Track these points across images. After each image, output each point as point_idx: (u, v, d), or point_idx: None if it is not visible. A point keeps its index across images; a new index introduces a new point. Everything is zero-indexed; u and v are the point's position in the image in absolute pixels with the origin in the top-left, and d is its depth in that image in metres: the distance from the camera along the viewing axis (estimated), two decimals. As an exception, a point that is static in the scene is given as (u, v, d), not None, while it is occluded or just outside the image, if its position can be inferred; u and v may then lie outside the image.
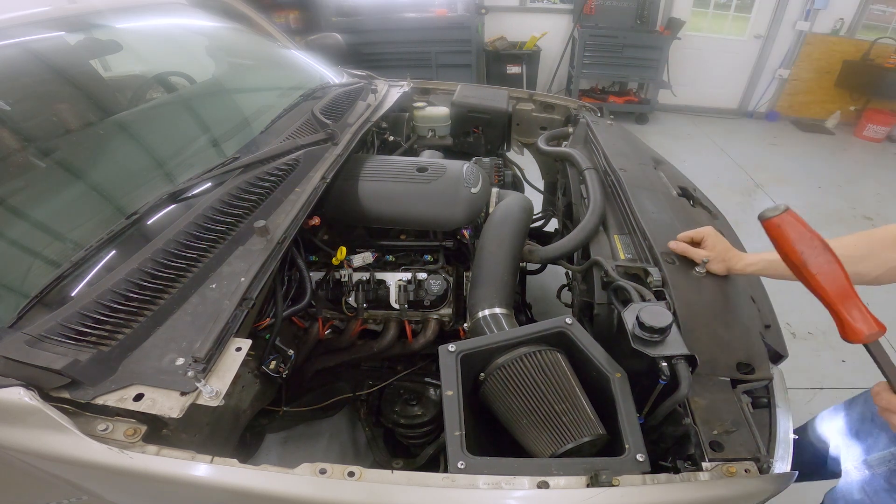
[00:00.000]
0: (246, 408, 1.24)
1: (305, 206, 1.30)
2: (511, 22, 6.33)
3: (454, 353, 1.00)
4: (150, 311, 0.95)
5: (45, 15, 1.61)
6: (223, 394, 0.84)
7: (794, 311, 3.05)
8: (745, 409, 0.92)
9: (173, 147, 1.56)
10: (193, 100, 1.99)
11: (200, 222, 1.14)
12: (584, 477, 0.80)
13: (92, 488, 0.89)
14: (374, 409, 1.63)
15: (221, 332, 0.91)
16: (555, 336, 1.06)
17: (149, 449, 0.80)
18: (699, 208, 1.61)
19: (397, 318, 1.56)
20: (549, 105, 2.43)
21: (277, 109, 1.80)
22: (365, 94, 2.09)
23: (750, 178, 4.95)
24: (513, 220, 1.51)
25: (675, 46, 5.96)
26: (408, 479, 0.80)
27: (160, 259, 1.03)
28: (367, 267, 1.54)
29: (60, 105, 1.49)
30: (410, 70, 2.89)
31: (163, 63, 2.11)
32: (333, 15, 5.48)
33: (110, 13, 1.87)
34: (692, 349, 0.92)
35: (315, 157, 1.51)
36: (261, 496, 0.78)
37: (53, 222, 1.18)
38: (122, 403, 0.82)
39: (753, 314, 1.15)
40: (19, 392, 0.78)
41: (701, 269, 1.19)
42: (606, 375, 0.97)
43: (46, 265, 1.06)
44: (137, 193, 1.29)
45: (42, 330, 0.86)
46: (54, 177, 1.32)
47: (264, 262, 1.10)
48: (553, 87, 6.69)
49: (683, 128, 6.37)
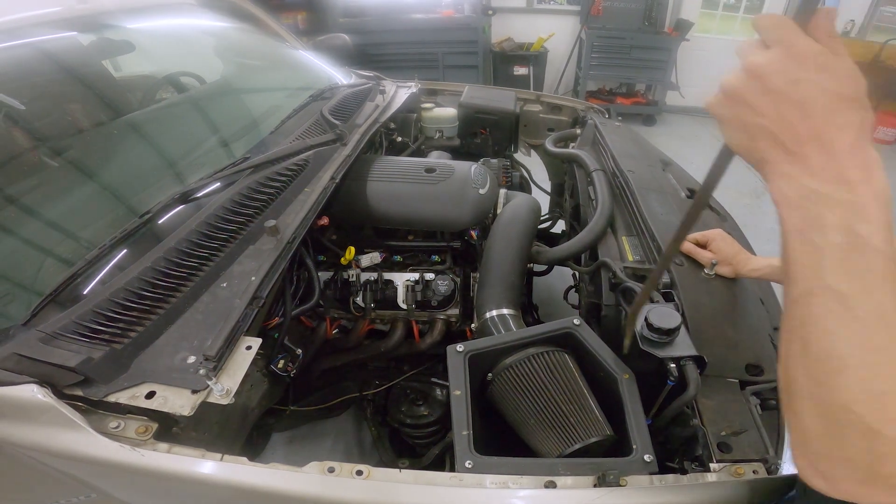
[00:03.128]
0: (254, 406, 1.25)
1: (315, 206, 1.31)
2: (518, 23, 6.32)
3: (462, 354, 1.00)
4: (162, 309, 0.96)
5: (58, 15, 1.63)
6: (233, 392, 0.85)
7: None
8: (754, 410, 0.91)
9: (184, 147, 1.57)
10: (203, 100, 2.00)
11: (212, 222, 1.15)
12: (592, 477, 0.80)
13: (101, 486, 0.90)
14: (380, 409, 1.63)
15: (232, 330, 0.92)
16: (562, 337, 1.06)
17: (160, 446, 0.81)
18: (708, 210, 1.60)
19: (405, 318, 1.57)
20: (556, 106, 2.43)
21: (287, 110, 1.81)
22: (373, 94, 2.09)
23: (758, 180, 4.92)
24: (520, 222, 1.51)
25: (684, 48, 5.93)
26: (415, 478, 0.80)
27: (172, 258, 1.04)
28: (375, 267, 1.55)
29: (73, 105, 1.51)
30: (417, 71, 2.89)
31: (173, 63, 2.12)
32: (341, 16, 5.49)
33: (120, 13, 1.89)
34: (700, 350, 0.92)
35: (324, 157, 1.52)
36: (270, 494, 0.78)
37: (66, 221, 1.19)
38: (134, 401, 0.83)
39: (762, 316, 1.15)
40: (33, 389, 0.79)
41: (710, 271, 1.18)
42: (614, 376, 0.97)
43: (59, 263, 1.08)
44: (149, 193, 1.30)
45: (56, 328, 0.87)
46: (67, 176, 1.33)
47: (274, 262, 1.10)
48: (560, 88, 6.67)
49: (692, 129, 6.34)
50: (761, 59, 0.46)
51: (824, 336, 0.44)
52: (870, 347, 0.42)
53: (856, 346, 0.42)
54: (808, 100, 0.44)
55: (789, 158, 0.46)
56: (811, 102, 0.44)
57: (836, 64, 0.44)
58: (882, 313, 0.42)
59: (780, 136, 0.46)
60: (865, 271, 0.42)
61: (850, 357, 0.42)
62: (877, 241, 0.42)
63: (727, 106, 0.49)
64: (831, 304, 0.43)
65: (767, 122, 0.46)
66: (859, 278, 0.42)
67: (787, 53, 0.45)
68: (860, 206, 0.43)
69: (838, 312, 0.43)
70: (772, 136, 0.47)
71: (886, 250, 0.42)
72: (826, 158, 0.44)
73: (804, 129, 0.45)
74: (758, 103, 0.47)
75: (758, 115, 0.47)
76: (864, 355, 0.42)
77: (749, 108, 0.47)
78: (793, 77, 0.44)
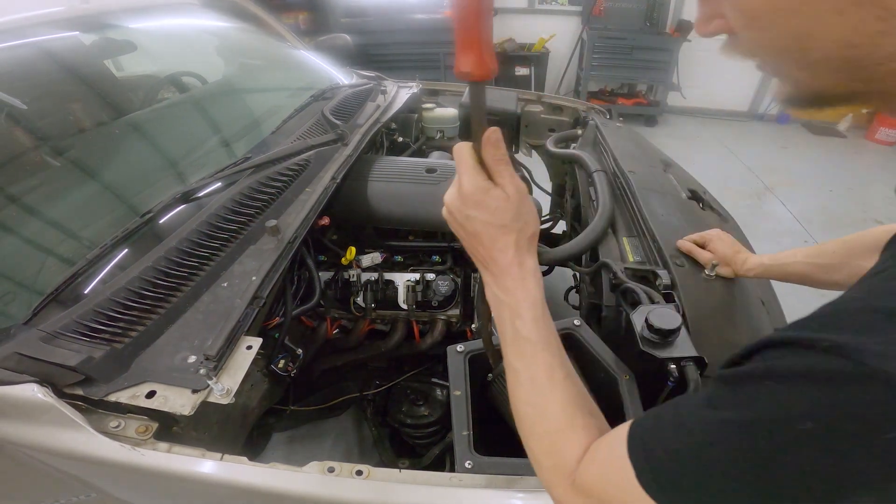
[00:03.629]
0: (254, 406, 1.25)
1: (316, 206, 1.31)
2: (519, 23, 6.32)
3: (462, 354, 1.00)
4: (163, 308, 0.97)
5: (60, 15, 1.64)
6: (234, 392, 0.85)
7: (803, 314, 3.03)
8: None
9: (185, 147, 1.58)
10: (205, 100, 2.01)
11: (213, 221, 1.16)
12: (592, 478, 0.79)
13: (101, 485, 0.90)
14: (380, 409, 1.63)
15: (233, 330, 0.92)
16: (563, 337, 1.05)
17: (160, 446, 0.81)
18: (709, 211, 1.60)
19: (405, 318, 1.57)
20: (557, 107, 2.42)
21: (288, 110, 1.81)
22: (374, 95, 2.10)
23: (760, 180, 4.92)
24: (521, 222, 1.50)
25: (685, 48, 5.93)
26: (415, 478, 0.80)
27: (173, 257, 1.05)
28: (376, 267, 1.55)
29: (74, 104, 1.51)
30: (418, 71, 2.89)
31: (174, 63, 2.13)
32: (342, 16, 5.50)
33: (123, 13, 1.89)
34: (701, 351, 0.92)
35: (325, 157, 1.52)
36: (270, 494, 0.79)
37: (67, 220, 1.20)
38: (135, 400, 0.83)
39: (763, 317, 1.15)
40: (33, 389, 0.79)
41: (710, 272, 1.18)
42: (614, 377, 0.97)
43: (61, 263, 1.08)
44: (150, 193, 1.31)
45: (57, 327, 0.88)
46: (68, 175, 1.33)
47: (275, 262, 1.10)
48: (561, 89, 6.67)
49: (693, 130, 6.34)
50: (448, 196, 0.61)
51: (513, 395, 0.62)
52: (530, 403, 0.59)
53: (524, 402, 0.60)
54: (477, 232, 0.59)
55: (483, 271, 0.63)
56: (479, 234, 0.59)
57: (487, 200, 0.57)
58: (533, 380, 0.59)
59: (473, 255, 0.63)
60: (523, 353, 0.60)
61: (522, 410, 0.60)
62: (525, 332, 0.59)
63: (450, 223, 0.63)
64: (511, 375, 0.62)
65: (465, 245, 0.63)
66: (521, 358, 0.60)
67: (458, 192, 0.59)
68: (515, 307, 0.60)
69: (514, 381, 0.61)
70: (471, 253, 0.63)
71: (532, 337, 0.59)
72: (498, 272, 0.60)
73: (481, 252, 0.61)
74: (456, 230, 0.62)
75: (461, 238, 0.63)
76: (527, 409, 0.60)
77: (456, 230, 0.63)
78: (464, 214, 0.59)
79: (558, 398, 0.58)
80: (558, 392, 0.58)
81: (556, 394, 0.58)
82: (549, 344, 0.60)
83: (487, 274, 0.63)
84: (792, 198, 4.59)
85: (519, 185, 0.58)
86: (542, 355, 0.59)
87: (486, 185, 0.57)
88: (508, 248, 0.59)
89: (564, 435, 0.57)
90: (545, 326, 0.61)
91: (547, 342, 0.60)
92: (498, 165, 0.57)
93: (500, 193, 0.57)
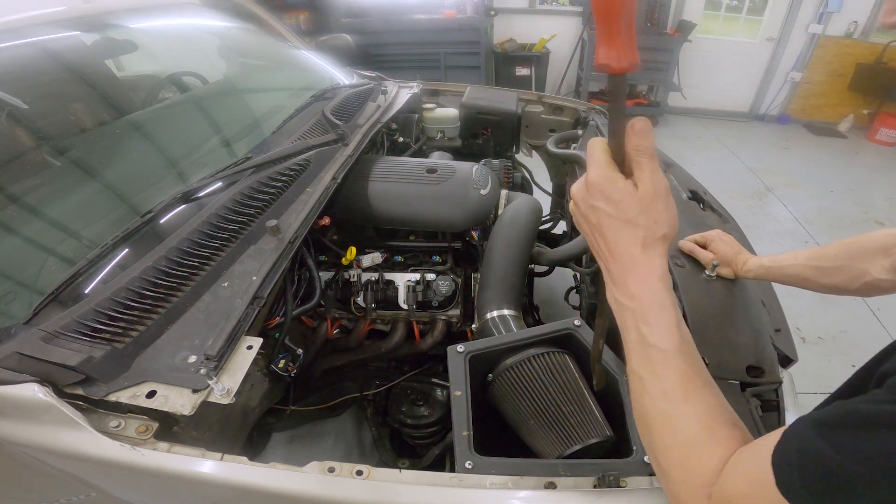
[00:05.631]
0: (254, 406, 1.25)
1: (316, 206, 1.31)
2: (520, 24, 6.33)
3: (463, 354, 1.00)
4: (163, 308, 0.96)
5: (61, 14, 1.64)
6: (234, 392, 0.85)
7: (804, 315, 3.04)
8: (755, 411, 0.91)
9: (186, 147, 1.58)
10: (206, 100, 2.01)
11: (213, 221, 1.16)
12: (592, 478, 0.79)
13: (101, 485, 0.90)
14: (380, 409, 1.63)
15: (233, 330, 0.92)
16: (563, 338, 1.06)
17: (160, 446, 0.81)
18: (709, 212, 1.60)
19: (405, 318, 1.57)
20: (558, 107, 2.43)
21: (289, 110, 1.81)
22: (375, 95, 2.10)
23: (761, 181, 4.92)
24: (522, 223, 1.51)
25: (686, 49, 5.94)
26: (416, 478, 0.80)
27: (174, 257, 1.05)
28: (376, 267, 1.55)
29: (76, 104, 1.51)
30: (419, 71, 2.89)
31: (175, 63, 2.13)
32: (343, 16, 5.51)
33: (124, 13, 1.89)
34: (702, 352, 0.91)
35: (326, 157, 1.52)
36: (270, 494, 0.79)
37: (68, 220, 1.20)
38: (135, 400, 0.83)
39: (763, 318, 1.14)
40: (34, 388, 0.79)
41: (711, 273, 1.18)
42: (614, 377, 0.97)
43: (61, 262, 1.08)
44: (151, 192, 1.31)
45: (57, 326, 0.88)
46: (69, 175, 1.34)
47: (275, 262, 1.10)
48: (562, 89, 6.68)
49: (694, 131, 6.34)
50: (575, 187, 0.59)
51: (636, 404, 0.59)
52: (658, 414, 0.56)
53: (650, 412, 0.57)
54: (601, 224, 0.56)
55: (604, 271, 0.59)
56: (602, 227, 0.56)
57: (612, 191, 0.54)
58: (664, 391, 0.55)
59: (596, 250, 0.59)
60: (649, 361, 0.56)
61: (649, 420, 0.57)
62: (653, 339, 0.55)
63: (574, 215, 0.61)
64: (636, 383, 0.59)
65: (589, 240, 0.60)
66: (647, 365, 0.56)
67: (585, 182, 0.56)
68: (641, 312, 0.56)
69: (639, 389, 0.58)
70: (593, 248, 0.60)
71: (662, 344, 0.55)
72: (620, 272, 0.56)
73: (604, 247, 0.57)
74: (580, 223, 0.60)
75: (585, 233, 0.60)
76: (656, 419, 0.57)
77: (579, 223, 0.60)
78: (588, 204, 0.56)
79: (694, 409, 0.55)
80: (694, 402, 0.55)
81: (690, 404, 0.55)
82: (681, 351, 0.56)
83: (607, 274, 0.59)
84: (793, 198, 4.59)
85: (659, 180, 0.53)
86: (675, 362, 0.55)
87: (614, 176, 0.54)
88: (632, 246, 0.55)
89: (701, 448, 0.53)
90: (677, 332, 0.56)
91: (679, 349, 0.56)
92: (640, 156, 0.53)
93: (627, 186, 0.53)
